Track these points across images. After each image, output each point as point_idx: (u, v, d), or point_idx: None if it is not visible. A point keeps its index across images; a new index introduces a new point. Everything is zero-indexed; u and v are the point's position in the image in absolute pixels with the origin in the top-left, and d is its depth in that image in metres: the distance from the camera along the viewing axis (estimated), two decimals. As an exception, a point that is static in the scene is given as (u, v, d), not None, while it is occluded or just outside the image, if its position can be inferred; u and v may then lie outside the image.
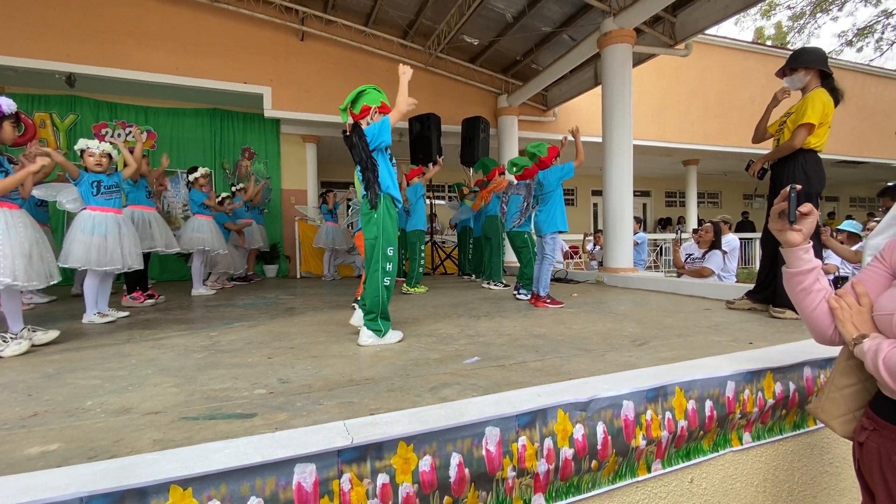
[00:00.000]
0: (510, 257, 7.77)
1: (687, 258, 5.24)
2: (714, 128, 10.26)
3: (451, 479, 1.03)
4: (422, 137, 6.76)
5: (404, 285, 4.87)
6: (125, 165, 3.74)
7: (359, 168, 2.53)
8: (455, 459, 1.04)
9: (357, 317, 2.58)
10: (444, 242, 8.46)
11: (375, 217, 2.43)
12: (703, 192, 14.79)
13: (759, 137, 3.17)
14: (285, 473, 0.88)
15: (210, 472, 0.83)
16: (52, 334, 2.54)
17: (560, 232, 3.78)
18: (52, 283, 2.54)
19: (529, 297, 3.95)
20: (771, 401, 1.53)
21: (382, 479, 0.96)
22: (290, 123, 7.69)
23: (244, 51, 6.78)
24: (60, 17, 5.84)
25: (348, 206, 6.79)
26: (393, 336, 2.45)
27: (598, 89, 6.23)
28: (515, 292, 4.20)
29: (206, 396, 1.58)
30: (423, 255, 5.00)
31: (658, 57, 6.69)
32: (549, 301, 3.59)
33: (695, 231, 6.65)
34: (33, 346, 2.42)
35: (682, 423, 1.36)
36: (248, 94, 6.88)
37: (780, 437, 1.59)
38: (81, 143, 3.34)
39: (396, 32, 7.51)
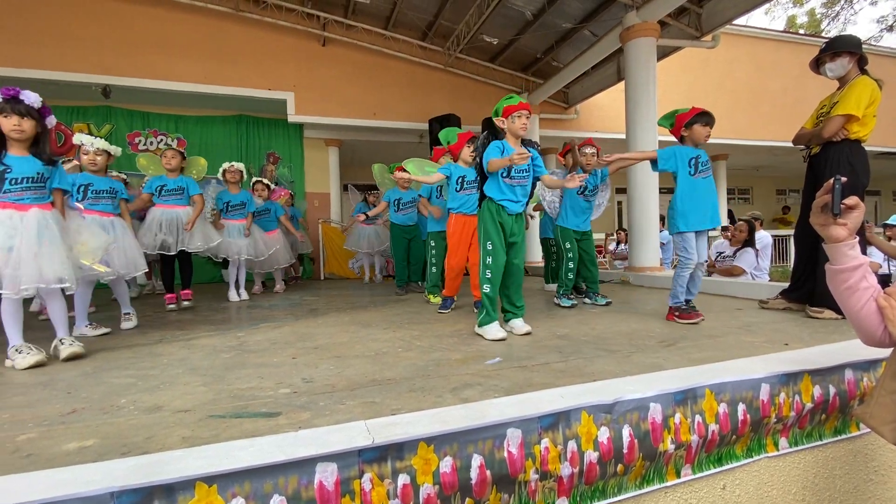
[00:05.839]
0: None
1: (717, 256, 5.08)
2: (744, 121, 9.91)
3: (473, 481, 1.02)
4: (442, 138, 6.77)
5: (426, 292, 4.27)
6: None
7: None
8: (476, 461, 1.03)
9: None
10: None
11: (480, 214, 2.72)
12: (732, 188, 14.29)
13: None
14: (307, 472, 0.89)
15: (234, 469, 0.84)
16: (75, 348, 2.27)
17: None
18: (42, 286, 2.16)
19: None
20: (809, 405, 1.46)
21: (403, 479, 0.96)
22: (312, 128, 7.83)
23: (268, 58, 6.95)
24: (96, 31, 6.12)
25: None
26: (490, 330, 2.48)
27: (621, 85, 6.10)
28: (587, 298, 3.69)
29: (233, 395, 1.62)
30: (434, 257, 4.18)
31: (684, 50, 6.51)
32: (678, 315, 2.80)
33: (724, 229, 6.44)
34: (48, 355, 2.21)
35: (713, 426, 1.31)
36: (273, 100, 7.04)
37: (819, 442, 1.52)
38: (75, 139, 3.06)
39: (416, 34, 7.55)
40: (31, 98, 2.19)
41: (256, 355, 2.23)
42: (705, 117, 2.87)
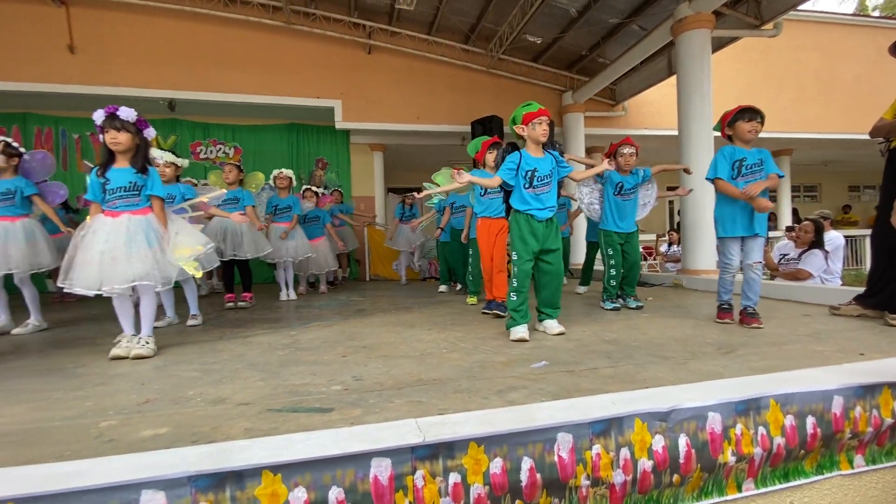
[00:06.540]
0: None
1: (781, 259, 4.75)
2: (811, 113, 9.20)
3: (523, 483, 1.02)
4: (485, 140, 6.76)
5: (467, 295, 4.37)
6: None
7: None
8: (526, 464, 1.03)
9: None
10: None
11: (509, 225, 2.73)
12: (798, 185, 13.32)
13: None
14: (363, 466, 0.92)
15: (296, 460, 0.89)
16: (143, 350, 2.36)
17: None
18: (109, 287, 2.27)
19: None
20: (889, 420, 1.34)
21: (454, 478, 0.97)
22: (358, 133, 8.06)
23: (317, 67, 7.24)
24: (163, 50, 6.62)
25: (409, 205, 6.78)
26: (514, 331, 2.52)
27: (673, 79, 5.85)
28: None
29: (289, 391, 1.70)
30: (470, 264, 4.23)
31: (742, 39, 6.15)
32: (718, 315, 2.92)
33: (789, 229, 6.00)
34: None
35: (779, 440, 1.24)
36: (321, 108, 7.32)
37: (902, 462, 1.39)
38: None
39: (458, 38, 7.60)
40: (126, 113, 2.40)
41: (309, 353, 2.33)
42: (748, 113, 2.76)
